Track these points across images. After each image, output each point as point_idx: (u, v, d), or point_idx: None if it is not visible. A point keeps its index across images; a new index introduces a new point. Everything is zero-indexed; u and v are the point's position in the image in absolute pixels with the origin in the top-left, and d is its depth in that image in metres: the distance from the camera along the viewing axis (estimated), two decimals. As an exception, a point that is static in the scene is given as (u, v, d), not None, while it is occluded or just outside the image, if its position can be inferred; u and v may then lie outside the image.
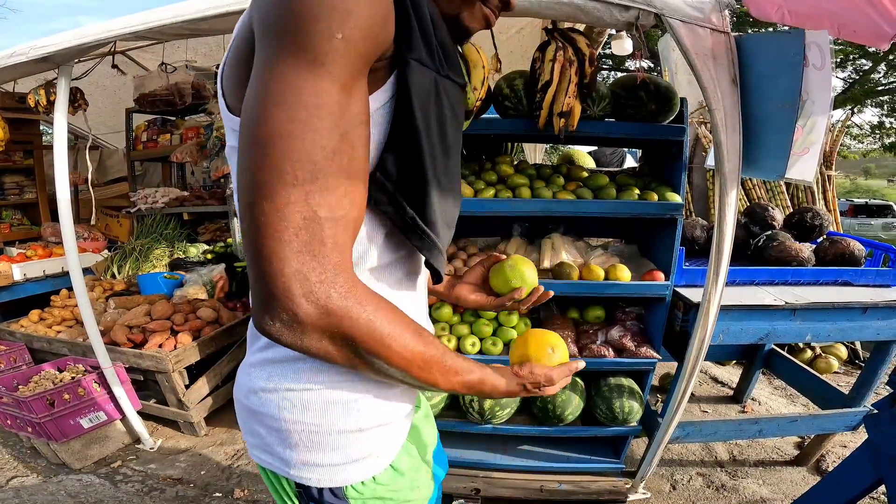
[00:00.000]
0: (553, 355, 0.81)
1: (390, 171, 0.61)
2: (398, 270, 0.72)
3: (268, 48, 0.50)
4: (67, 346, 2.78)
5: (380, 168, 0.60)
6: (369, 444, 0.70)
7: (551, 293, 0.96)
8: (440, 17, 0.65)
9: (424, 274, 0.84)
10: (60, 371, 2.58)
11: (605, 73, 12.55)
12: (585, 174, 2.04)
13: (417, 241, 0.65)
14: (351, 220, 0.54)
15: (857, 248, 2.10)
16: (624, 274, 1.87)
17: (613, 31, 3.02)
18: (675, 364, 1.91)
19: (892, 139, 12.98)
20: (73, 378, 2.46)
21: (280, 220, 0.48)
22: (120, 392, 2.43)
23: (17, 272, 3.34)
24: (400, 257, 0.71)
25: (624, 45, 2.99)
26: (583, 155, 2.94)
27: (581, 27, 2.50)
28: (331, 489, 0.69)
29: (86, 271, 3.32)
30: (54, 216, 4.32)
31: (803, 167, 1.43)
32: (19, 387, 2.39)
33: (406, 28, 0.57)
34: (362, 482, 0.70)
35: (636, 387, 2.00)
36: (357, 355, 0.56)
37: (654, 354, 1.90)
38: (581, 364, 0.83)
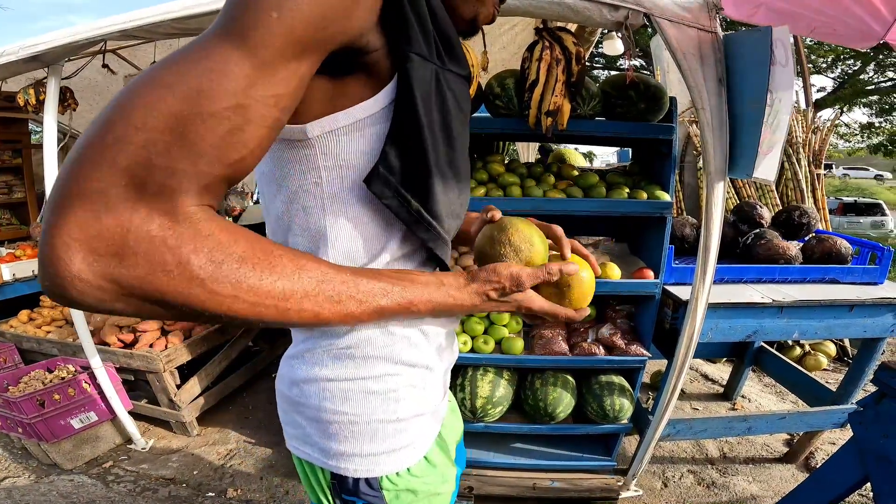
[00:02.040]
0: (524, 252, 0.71)
1: (393, 165, 0.60)
2: (412, 263, 0.72)
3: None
4: (57, 346, 2.76)
5: (382, 162, 0.60)
6: (407, 434, 0.71)
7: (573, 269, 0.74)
8: (443, 9, 0.66)
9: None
10: (50, 371, 2.57)
11: (597, 72, 12.61)
12: (576, 173, 2.05)
13: (423, 234, 0.65)
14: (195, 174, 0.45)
15: (844, 246, 2.12)
16: (614, 272, 1.88)
17: (605, 31, 3.04)
18: (666, 361, 1.92)
19: (880, 138, 13.13)
20: (63, 378, 2.44)
21: (92, 153, 0.41)
22: (111, 392, 2.42)
23: (6, 272, 3.31)
24: (414, 250, 0.71)
25: (616, 45, 3.01)
26: (575, 154, 2.95)
27: (571, 26, 2.51)
28: (367, 480, 0.70)
29: (76, 271, 3.28)
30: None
31: (767, 166, 1.45)
32: (9, 387, 2.37)
33: (403, 22, 0.57)
34: (397, 473, 0.71)
35: (627, 384, 2.02)
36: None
37: (645, 352, 1.92)
38: (571, 268, 0.70)
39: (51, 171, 2.09)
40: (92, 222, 0.39)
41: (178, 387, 2.61)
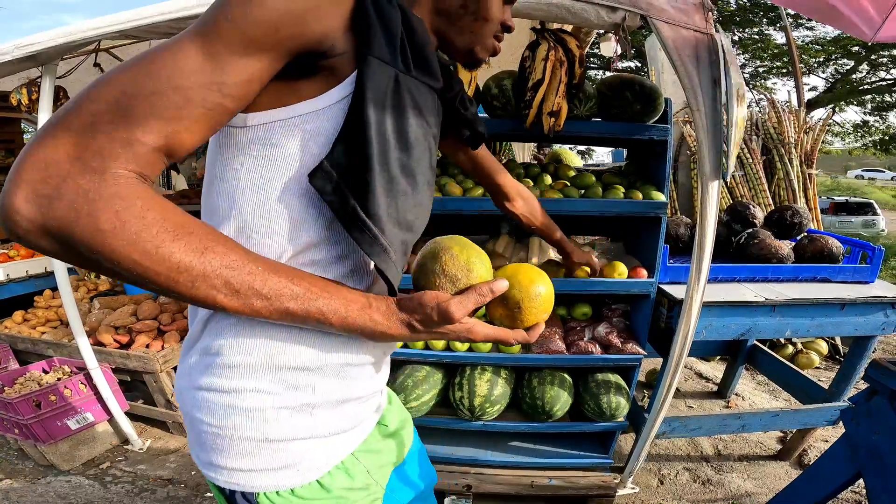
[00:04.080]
0: (461, 281, 0.65)
1: (337, 161, 0.62)
2: (342, 267, 0.71)
3: None
4: (52, 347, 2.75)
5: (328, 157, 0.62)
6: (285, 455, 0.69)
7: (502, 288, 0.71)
8: (426, 31, 0.70)
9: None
10: (46, 372, 2.56)
11: (592, 73, 12.65)
12: (573, 173, 2.07)
13: (357, 233, 0.64)
14: (142, 154, 0.51)
15: (836, 245, 2.15)
16: (620, 269, 1.88)
17: (601, 32, 3.05)
18: (661, 360, 1.94)
19: (872, 137, 13.24)
20: (59, 379, 2.43)
21: (60, 116, 0.50)
22: (107, 393, 2.42)
23: (0, 273, 3.29)
24: (347, 255, 0.70)
25: (612, 46, 3.02)
26: (571, 154, 2.96)
27: (569, 28, 2.52)
28: (242, 493, 0.69)
29: (70, 271, 3.27)
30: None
31: (730, 165, 1.49)
32: (5, 388, 2.36)
33: (366, 27, 0.61)
34: (277, 492, 0.69)
35: (623, 382, 2.04)
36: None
37: (640, 350, 1.93)
38: (498, 285, 0.68)
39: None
40: (41, 168, 0.47)
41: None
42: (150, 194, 0.51)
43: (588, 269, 1.66)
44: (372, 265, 0.75)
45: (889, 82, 11.12)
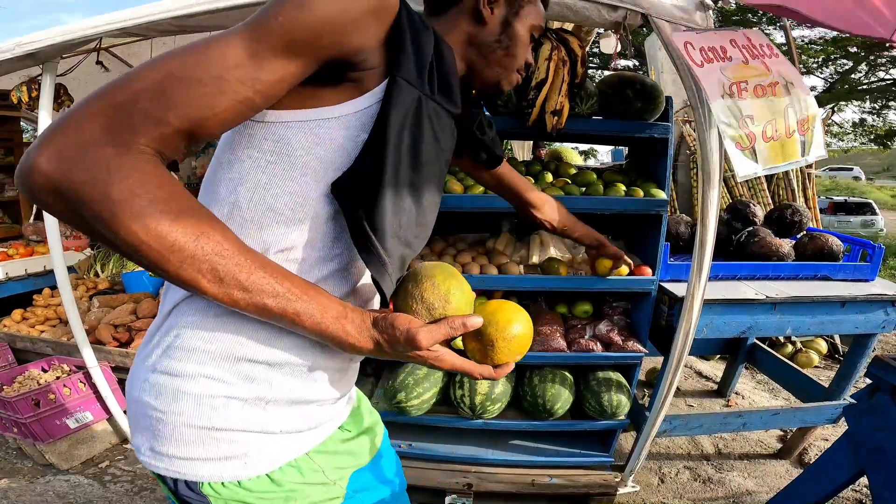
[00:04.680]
0: (437, 311, 0.65)
1: (357, 172, 0.66)
2: (323, 270, 0.71)
3: None
4: (51, 345, 2.74)
5: (352, 167, 0.66)
6: (229, 446, 0.68)
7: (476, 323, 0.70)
8: (454, 59, 0.74)
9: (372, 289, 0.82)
10: (45, 371, 2.55)
11: (591, 72, 12.67)
12: (574, 171, 2.07)
13: (358, 242, 0.67)
14: (167, 134, 0.54)
15: (836, 243, 2.15)
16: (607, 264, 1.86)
17: (601, 31, 3.05)
18: (662, 358, 1.94)
19: (872, 134, 13.25)
20: (58, 378, 2.43)
21: (104, 90, 0.52)
22: (106, 391, 2.41)
23: (-1, 271, 3.28)
24: (326, 258, 0.71)
25: (612, 44, 3.02)
26: (572, 152, 2.97)
27: (568, 26, 2.53)
28: (185, 482, 0.68)
29: (69, 270, 3.27)
30: (36, 214, 4.25)
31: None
32: (3, 387, 2.36)
33: (399, 50, 0.65)
34: (222, 483, 0.69)
35: (624, 381, 2.04)
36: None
37: (641, 348, 1.93)
38: (472, 322, 0.68)
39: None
40: (73, 133, 0.50)
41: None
42: (164, 173, 0.54)
43: (622, 266, 1.62)
44: (356, 272, 0.76)
45: (888, 82, 11.14)
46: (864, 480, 1.59)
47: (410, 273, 0.72)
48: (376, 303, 0.84)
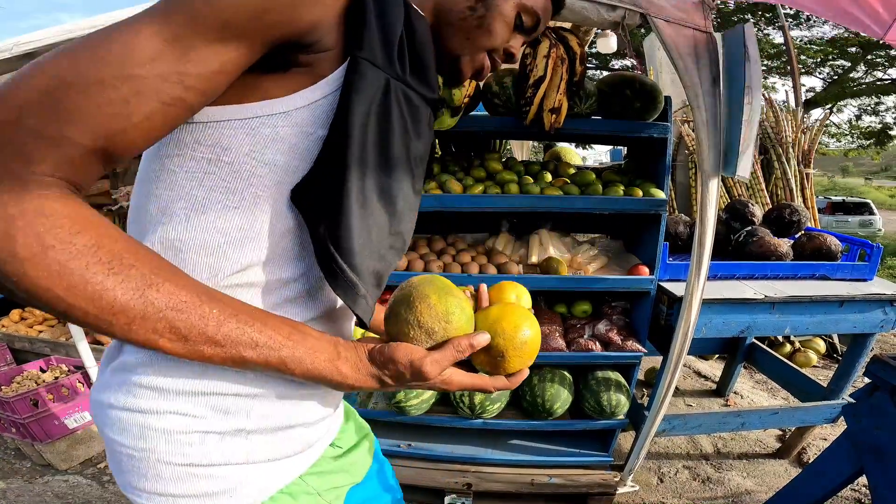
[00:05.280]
0: (438, 334, 0.59)
1: (317, 177, 0.56)
2: (285, 292, 0.62)
3: None
4: (50, 345, 2.74)
5: (311, 172, 0.56)
6: (213, 482, 0.60)
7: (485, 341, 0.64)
8: (428, 33, 0.64)
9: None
10: (44, 371, 2.55)
11: (591, 71, 12.69)
12: (573, 171, 2.07)
13: (322, 263, 0.58)
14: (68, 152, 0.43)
15: (834, 243, 2.15)
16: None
17: (599, 30, 3.06)
18: (661, 358, 1.95)
19: (869, 131, 13.27)
20: (56, 378, 2.42)
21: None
22: (106, 392, 2.40)
23: (-2, 272, 3.28)
24: (287, 279, 0.61)
25: (609, 43, 3.03)
26: (571, 152, 2.97)
27: (569, 26, 2.53)
28: None
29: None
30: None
31: (744, 164, 1.46)
32: (2, 387, 2.36)
33: (360, 26, 0.54)
34: None
35: (623, 380, 2.04)
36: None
37: (640, 348, 1.94)
38: (479, 339, 0.61)
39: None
40: None
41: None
42: (81, 210, 0.43)
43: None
44: (327, 291, 0.66)
45: (886, 82, 11.16)
46: (863, 480, 1.59)
47: (400, 296, 0.63)
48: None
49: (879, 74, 11.21)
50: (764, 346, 2.84)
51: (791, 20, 9.41)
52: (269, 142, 0.54)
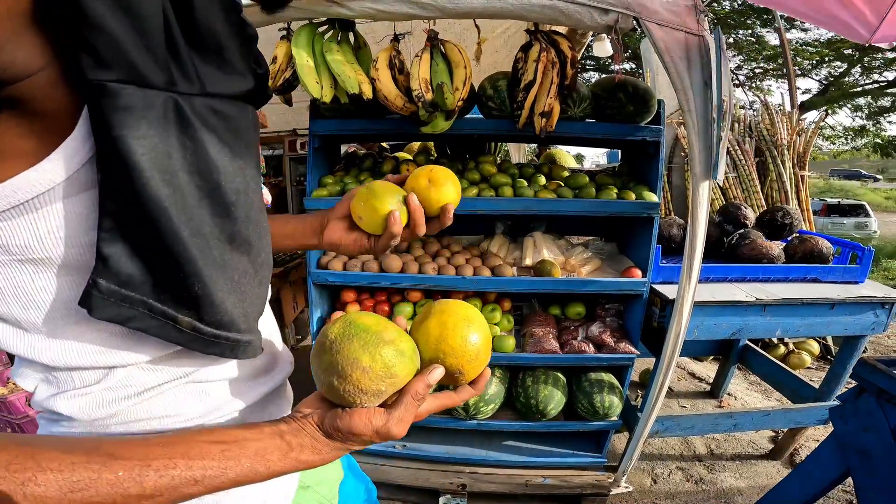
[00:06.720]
0: (386, 394, 0.53)
1: (126, 272, 0.42)
2: (162, 375, 0.53)
3: None
4: (46, 346, 2.73)
5: (103, 272, 0.41)
6: None
7: (451, 208, 0.67)
8: None
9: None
10: (39, 372, 2.54)
11: (587, 74, 12.71)
12: (566, 174, 2.08)
13: (208, 349, 0.50)
14: None
15: (826, 245, 2.17)
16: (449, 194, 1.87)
17: (595, 34, 3.07)
18: (654, 360, 1.96)
19: (865, 140, 13.33)
20: (52, 379, 2.42)
21: None
22: (101, 392, 2.40)
23: (-7, 272, 3.27)
24: (157, 359, 0.52)
25: (605, 47, 3.04)
26: (565, 155, 2.98)
27: (562, 29, 2.54)
28: None
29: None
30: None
31: (722, 167, 1.50)
32: (-4, 388, 2.35)
33: (78, 24, 0.34)
34: None
35: (616, 382, 2.05)
36: None
37: (633, 349, 1.95)
38: (434, 376, 0.56)
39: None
40: None
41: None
42: None
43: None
44: (206, 369, 0.57)
45: (882, 85, 11.21)
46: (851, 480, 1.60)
47: (324, 365, 0.53)
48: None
49: (876, 77, 11.25)
50: (756, 348, 2.86)
51: (787, 23, 9.45)
52: (37, 225, 0.40)
